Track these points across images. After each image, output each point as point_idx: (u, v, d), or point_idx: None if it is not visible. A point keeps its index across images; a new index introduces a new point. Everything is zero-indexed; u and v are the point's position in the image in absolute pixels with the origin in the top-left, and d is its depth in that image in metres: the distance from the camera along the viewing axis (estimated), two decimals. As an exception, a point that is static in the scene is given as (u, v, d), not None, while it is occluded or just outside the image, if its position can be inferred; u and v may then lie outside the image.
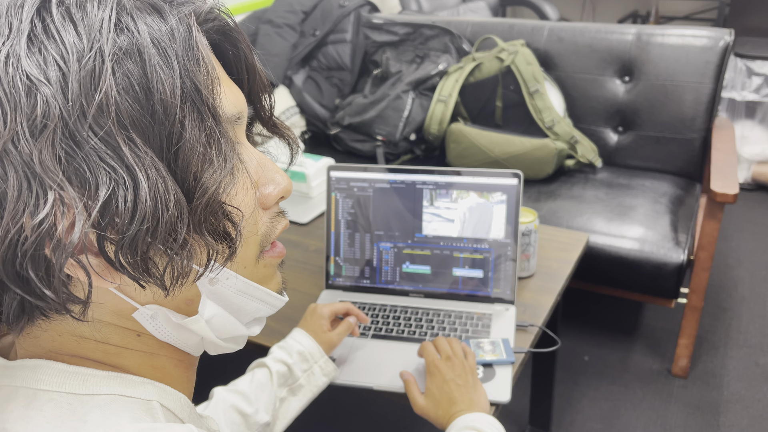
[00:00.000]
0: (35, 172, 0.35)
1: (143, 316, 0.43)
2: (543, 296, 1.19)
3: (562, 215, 1.80)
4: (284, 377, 0.91)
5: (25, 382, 0.41)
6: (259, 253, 0.48)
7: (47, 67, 0.36)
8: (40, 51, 0.36)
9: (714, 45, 1.90)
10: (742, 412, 1.69)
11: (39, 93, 0.35)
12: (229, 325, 0.47)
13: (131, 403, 0.42)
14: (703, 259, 1.65)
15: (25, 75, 0.35)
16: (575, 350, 1.95)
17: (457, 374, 0.89)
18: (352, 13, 2.39)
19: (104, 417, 0.39)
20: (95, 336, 0.43)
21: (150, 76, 0.37)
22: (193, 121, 0.39)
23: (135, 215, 0.36)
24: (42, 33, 0.36)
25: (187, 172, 0.39)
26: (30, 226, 0.35)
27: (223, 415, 0.84)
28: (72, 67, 0.36)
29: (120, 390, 0.42)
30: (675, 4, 3.64)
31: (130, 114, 0.36)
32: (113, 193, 0.36)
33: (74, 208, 0.35)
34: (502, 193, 1.13)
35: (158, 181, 0.37)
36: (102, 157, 0.36)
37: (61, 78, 0.35)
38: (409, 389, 0.93)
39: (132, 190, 0.36)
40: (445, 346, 0.94)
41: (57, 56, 0.36)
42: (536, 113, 1.99)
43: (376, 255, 1.19)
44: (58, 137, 0.35)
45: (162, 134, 0.38)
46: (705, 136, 1.94)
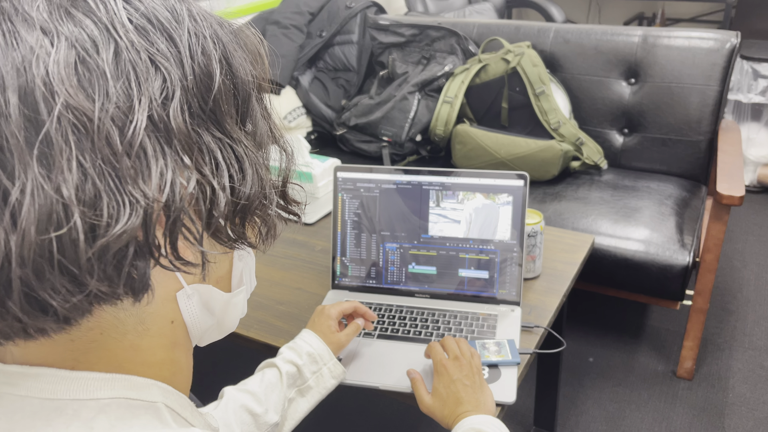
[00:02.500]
0: (168, 138, 0.37)
1: (183, 295, 0.44)
2: (548, 297, 1.19)
3: (568, 217, 1.80)
4: (293, 378, 0.92)
5: (30, 391, 0.39)
6: None
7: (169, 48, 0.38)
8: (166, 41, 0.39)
9: (720, 47, 1.90)
10: (747, 414, 1.69)
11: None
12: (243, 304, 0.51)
13: (137, 406, 0.41)
14: (709, 261, 1.65)
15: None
16: (580, 351, 1.95)
17: (464, 374, 0.90)
18: (359, 14, 2.40)
19: (111, 424, 0.39)
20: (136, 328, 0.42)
21: (233, 62, 0.41)
22: (259, 102, 0.44)
23: (240, 185, 0.41)
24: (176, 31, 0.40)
25: (265, 153, 0.44)
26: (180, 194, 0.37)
27: (234, 414, 0.84)
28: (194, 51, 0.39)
29: (124, 393, 0.41)
30: (681, 6, 3.64)
31: (229, 94, 0.41)
32: (226, 166, 0.40)
33: (194, 176, 0.38)
34: (508, 194, 1.14)
35: (253, 154, 0.42)
36: (213, 131, 0.39)
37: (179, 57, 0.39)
38: (415, 387, 0.93)
39: (238, 164, 0.41)
40: (453, 345, 0.95)
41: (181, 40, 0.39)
42: (542, 115, 1.99)
43: (382, 255, 1.20)
44: (183, 109, 0.38)
45: (241, 114, 0.42)
46: (711, 138, 1.94)
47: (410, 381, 0.95)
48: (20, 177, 0.32)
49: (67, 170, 0.33)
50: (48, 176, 0.33)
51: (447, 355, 0.94)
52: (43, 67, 0.33)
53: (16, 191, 0.32)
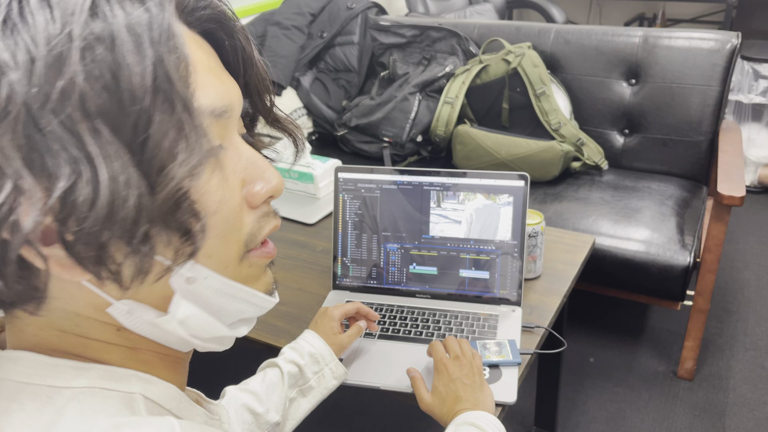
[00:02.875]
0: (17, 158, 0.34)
1: (118, 311, 0.41)
2: (549, 298, 1.19)
3: (569, 217, 1.80)
4: (295, 378, 0.92)
5: (8, 374, 0.40)
6: (243, 252, 0.46)
7: (17, 50, 0.34)
8: (12, 34, 0.35)
9: (721, 48, 1.91)
10: (748, 414, 1.69)
11: (6, 78, 0.34)
12: (209, 326, 0.45)
13: (111, 396, 0.41)
14: (710, 261, 1.65)
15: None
16: (581, 352, 1.95)
17: (464, 374, 0.90)
18: (360, 15, 2.40)
19: (81, 411, 0.39)
20: (75, 330, 0.42)
21: (119, 63, 0.35)
22: (163, 111, 0.37)
23: (94, 206, 0.35)
24: (17, 16, 0.35)
25: (152, 165, 0.37)
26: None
27: (235, 413, 0.84)
28: (40, 51, 0.34)
29: (101, 383, 0.41)
30: (682, 6, 3.64)
31: (96, 101, 0.35)
32: (74, 183, 0.34)
33: (31, 197, 0.34)
34: (508, 195, 1.14)
35: (120, 172, 0.35)
36: (64, 146, 0.34)
37: (29, 62, 0.34)
38: (415, 386, 0.94)
39: (92, 181, 0.35)
40: (454, 345, 0.95)
41: (28, 40, 0.34)
42: (543, 115, 1.99)
43: (383, 256, 1.20)
44: (20, 123, 0.34)
45: (128, 123, 0.36)
46: (712, 138, 1.94)
47: (410, 379, 0.95)
48: None
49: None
50: None
51: (448, 354, 0.95)
52: None
53: None
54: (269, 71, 0.51)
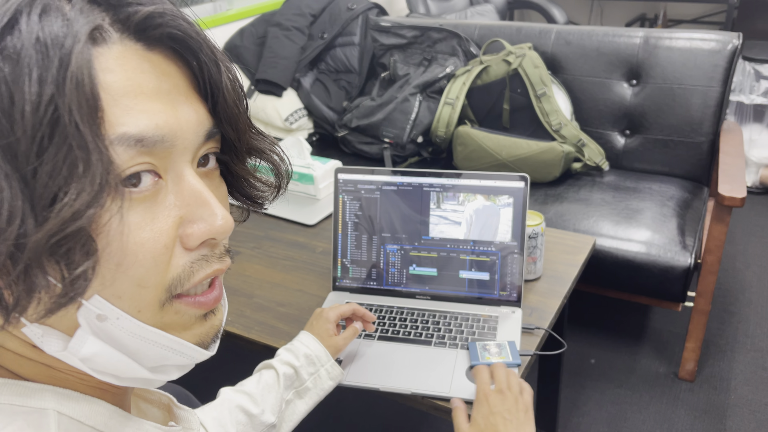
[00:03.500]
0: None
1: (33, 333, 0.39)
2: (549, 299, 1.19)
3: (569, 218, 1.80)
4: (291, 380, 0.92)
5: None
6: (165, 298, 0.41)
7: None
8: None
9: (722, 48, 1.90)
10: (749, 416, 1.69)
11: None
12: (122, 366, 0.41)
13: (18, 412, 0.38)
14: (711, 262, 1.65)
15: None
16: (581, 353, 1.94)
17: (506, 408, 0.84)
18: (360, 16, 2.40)
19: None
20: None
21: (19, 85, 0.33)
22: (59, 140, 0.34)
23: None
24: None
25: (42, 196, 0.34)
26: None
27: (229, 414, 0.84)
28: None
29: (11, 399, 0.39)
30: (683, 7, 3.63)
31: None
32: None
33: None
34: (508, 196, 1.14)
35: (6, 200, 0.33)
36: None
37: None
38: (455, 415, 0.90)
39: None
40: (502, 377, 0.90)
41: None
42: (543, 116, 1.99)
43: (383, 257, 1.20)
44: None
45: (21, 148, 0.33)
46: (713, 139, 1.94)
47: (452, 409, 0.92)
48: None
49: None
50: None
51: (494, 384, 0.90)
52: None
53: None
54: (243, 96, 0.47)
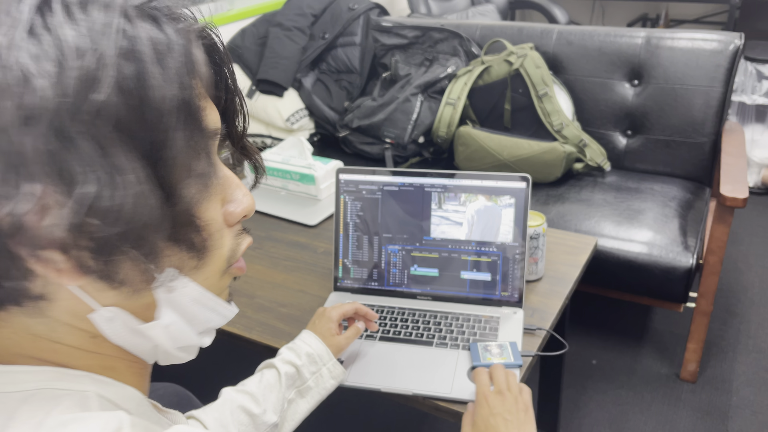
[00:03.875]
0: (18, 161, 0.35)
1: (101, 317, 0.43)
2: (551, 300, 1.19)
3: (571, 219, 1.80)
4: (293, 379, 0.92)
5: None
6: (226, 267, 0.49)
7: (44, 60, 0.35)
8: (39, 43, 0.36)
9: (724, 48, 1.90)
10: (751, 417, 1.68)
11: (35, 85, 0.35)
12: (184, 333, 0.47)
13: (62, 395, 0.42)
14: (713, 263, 1.65)
15: (23, 65, 0.35)
16: (583, 354, 1.94)
17: (506, 409, 0.85)
18: (362, 16, 2.40)
19: (31, 412, 0.39)
20: (50, 335, 0.43)
21: (146, 84, 0.37)
22: (183, 132, 0.39)
23: (110, 217, 0.36)
24: (42, 27, 0.36)
25: (168, 181, 0.39)
26: (3, 213, 0.35)
27: (231, 414, 0.84)
28: (70, 64, 0.35)
29: (51, 384, 0.42)
30: (685, 7, 3.63)
31: (122, 118, 0.37)
32: (95, 194, 0.36)
33: (53, 203, 0.36)
34: (510, 196, 1.13)
35: (139, 186, 0.37)
36: (87, 156, 0.36)
37: (57, 73, 0.35)
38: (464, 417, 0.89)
39: (111, 192, 0.36)
40: (501, 378, 0.90)
41: (56, 51, 0.36)
42: (545, 116, 1.99)
43: (384, 257, 1.20)
44: (46, 131, 0.35)
45: (149, 141, 0.38)
46: (715, 139, 1.93)
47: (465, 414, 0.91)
48: None
49: None
50: None
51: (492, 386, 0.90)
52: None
53: None
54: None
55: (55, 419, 0.39)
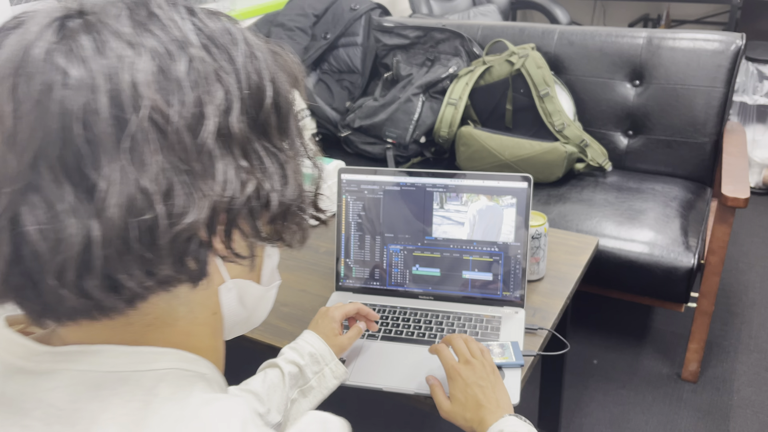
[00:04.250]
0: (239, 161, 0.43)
1: (225, 288, 0.48)
2: (552, 299, 1.19)
3: (572, 219, 1.80)
4: (296, 378, 0.92)
5: (91, 366, 0.43)
6: None
7: (232, 87, 0.43)
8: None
9: (725, 49, 1.90)
10: (752, 417, 1.68)
11: (231, 107, 0.42)
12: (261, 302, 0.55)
13: (191, 376, 0.45)
14: (714, 263, 1.65)
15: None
16: (584, 354, 1.94)
17: (479, 376, 0.88)
18: (363, 16, 2.40)
19: (172, 390, 0.42)
20: (187, 316, 0.47)
21: (283, 93, 0.47)
22: (296, 127, 0.49)
23: (290, 192, 0.46)
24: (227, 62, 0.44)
25: (289, 167, 0.47)
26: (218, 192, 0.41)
27: None
28: (244, 88, 0.43)
29: (179, 364, 0.45)
30: (686, 7, 3.63)
31: (280, 123, 0.46)
32: (275, 172, 0.45)
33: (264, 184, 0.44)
34: (512, 196, 1.14)
35: (298, 175, 0.47)
36: (267, 153, 0.44)
37: (238, 97, 0.43)
38: (434, 393, 0.92)
39: (281, 171, 0.45)
40: (462, 347, 0.93)
41: (234, 79, 0.43)
42: (546, 117, 1.99)
43: (386, 257, 1.20)
44: (241, 138, 0.43)
45: (295, 141, 0.48)
46: (716, 140, 1.93)
47: (429, 387, 0.94)
48: (106, 168, 0.37)
49: (148, 165, 0.38)
50: (131, 169, 0.38)
51: (456, 357, 0.94)
52: (129, 73, 0.38)
53: (103, 180, 0.37)
54: None
55: (198, 397, 0.42)
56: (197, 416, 0.41)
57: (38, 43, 0.38)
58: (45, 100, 0.37)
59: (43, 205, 0.37)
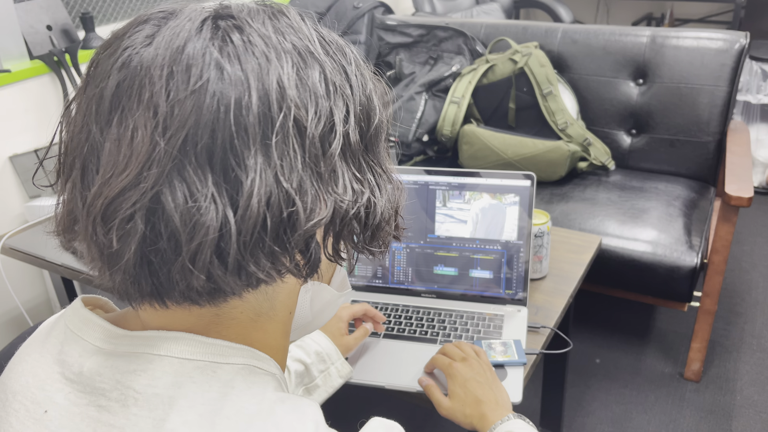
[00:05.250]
0: (354, 171, 0.45)
1: (304, 290, 0.51)
2: (555, 298, 1.19)
3: (575, 217, 1.80)
4: (301, 376, 0.92)
5: (169, 351, 0.44)
6: None
7: (351, 107, 0.45)
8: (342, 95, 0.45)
9: (729, 48, 1.90)
10: (755, 417, 1.68)
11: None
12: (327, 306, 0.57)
13: (264, 375, 0.46)
14: (717, 262, 1.65)
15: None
16: (587, 353, 1.94)
17: (476, 372, 0.90)
18: (366, 14, 2.40)
19: (247, 384, 0.43)
20: (269, 313, 0.48)
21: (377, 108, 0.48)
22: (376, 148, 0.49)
23: (387, 207, 0.48)
24: (344, 82, 0.46)
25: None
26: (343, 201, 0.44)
27: None
28: (357, 108, 0.46)
29: (253, 362, 0.46)
30: (690, 6, 3.62)
31: (375, 144, 0.48)
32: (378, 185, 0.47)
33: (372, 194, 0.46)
34: (514, 194, 1.13)
35: (387, 178, 0.49)
36: (371, 170, 0.47)
37: (352, 114, 0.45)
38: (430, 393, 0.92)
39: (380, 185, 0.47)
40: (455, 351, 0.95)
41: (352, 99, 0.45)
42: (549, 115, 1.99)
43: (389, 255, 1.20)
44: (357, 155, 0.46)
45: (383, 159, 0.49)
46: (720, 139, 1.93)
47: (424, 389, 0.94)
48: (251, 161, 0.39)
49: (287, 162, 0.40)
50: (273, 164, 0.40)
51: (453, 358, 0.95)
52: (276, 75, 0.41)
53: (246, 172, 0.39)
54: None
55: (273, 394, 0.44)
56: (273, 412, 0.42)
57: (195, 38, 0.40)
58: (201, 91, 0.39)
59: (185, 189, 0.39)
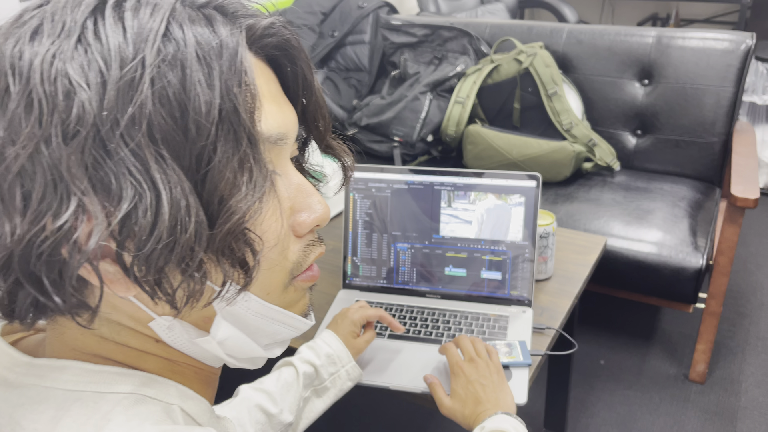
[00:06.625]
0: (62, 176, 0.34)
1: (159, 326, 0.42)
2: (560, 299, 1.19)
3: (580, 218, 1.79)
4: (310, 378, 0.91)
5: (55, 383, 0.41)
6: (289, 280, 0.45)
7: (89, 71, 0.35)
8: (86, 53, 0.35)
9: (735, 48, 1.89)
10: (760, 418, 1.67)
11: (77, 97, 0.34)
12: (245, 346, 0.45)
13: (153, 404, 0.41)
14: (723, 264, 1.64)
15: (68, 77, 0.34)
16: (591, 354, 1.94)
17: (481, 374, 0.89)
18: (371, 14, 2.40)
19: (127, 417, 0.39)
20: (115, 338, 0.43)
21: (188, 92, 0.36)
22: (227, 143, 0.37)
23: (153, 231, 0.35)
24: (92, 35, 0.35)
25: (213, 195, 0.37)
26: (50, 228, 0.34)
27: (248, 414, 0.84)
28: (113, 74, 0.35)
29: (142, 390, 0.42)
30: (696, 6, 3.61)
31: (163, 129, 0.35)
32: (135, 207, 0.35)
33: (94, 217, 0.35)
34: (520, 195, 1.13)
35: (181, 200, 0.36)
36: (129, 169, 0.35)
37: (101, 84, 0.35)
38: (434, 391, 0.93)
39: (154, 206, 0.35)
40: (468, 346, 0.94)
41: (101, 61, 0.35)
42: (554, 115, 1.98)
43: (393, 255, 1.20)
44: (89, 144, 0.34)
45: (193, 153, 0.36)
46: (725, 140, 1.92)
47: (428, 386, 0.94)
48: None
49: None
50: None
51: (462, 355, 0.94)
52: None
53: None
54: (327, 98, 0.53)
55: (153, 428, 0.39)
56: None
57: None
58: None
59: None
